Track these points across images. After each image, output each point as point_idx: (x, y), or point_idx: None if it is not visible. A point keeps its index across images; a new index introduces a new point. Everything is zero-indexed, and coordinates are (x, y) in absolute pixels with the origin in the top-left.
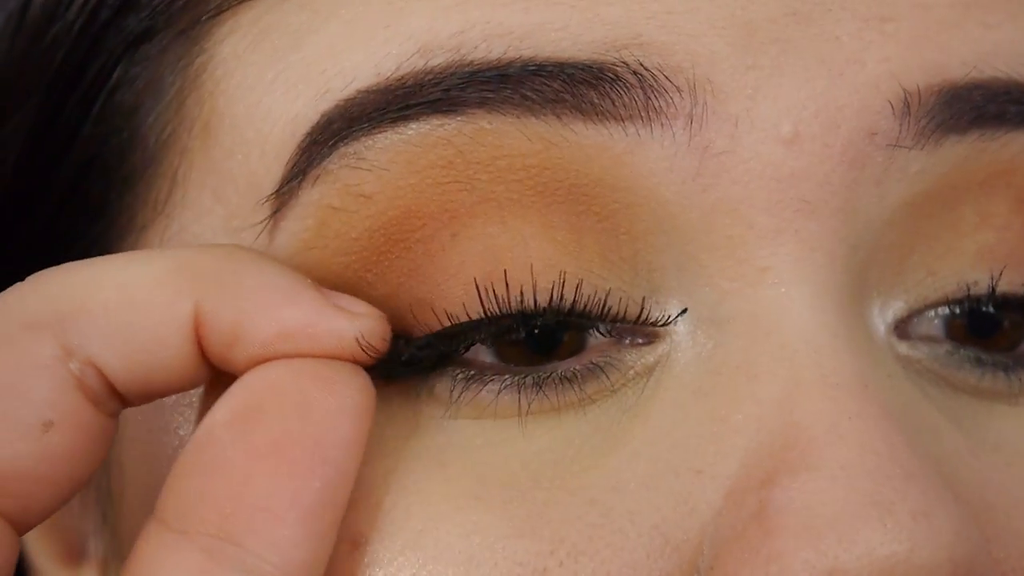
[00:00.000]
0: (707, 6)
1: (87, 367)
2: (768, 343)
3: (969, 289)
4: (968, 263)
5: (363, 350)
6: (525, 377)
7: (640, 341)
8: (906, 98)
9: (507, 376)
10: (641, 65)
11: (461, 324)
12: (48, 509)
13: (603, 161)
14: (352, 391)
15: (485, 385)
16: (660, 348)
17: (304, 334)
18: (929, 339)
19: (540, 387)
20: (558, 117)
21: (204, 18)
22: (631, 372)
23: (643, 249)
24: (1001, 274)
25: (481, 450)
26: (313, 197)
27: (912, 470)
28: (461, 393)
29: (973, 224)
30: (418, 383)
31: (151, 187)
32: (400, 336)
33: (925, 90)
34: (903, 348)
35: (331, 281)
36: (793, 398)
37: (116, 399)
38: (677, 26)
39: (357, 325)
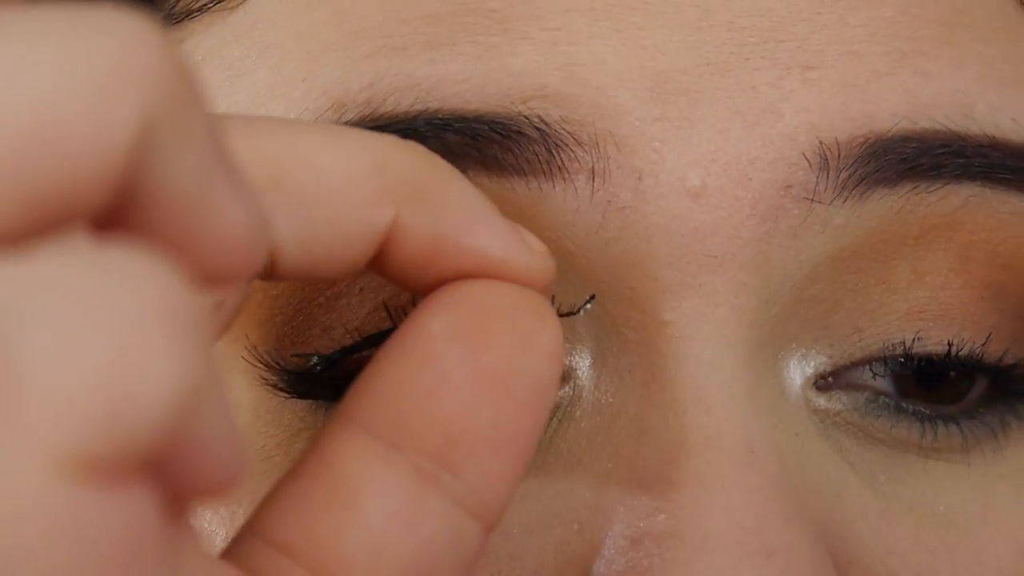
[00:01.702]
0: (613, 58)
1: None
2: (661, 399)
3: (894, 349)
4: (896, 323)
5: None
6: None
7: None
8: (823, 150)
9: None
10: (542, 120)
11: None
12: None
13: (506, 213)
14: (558, 329)
15: None
16: (563, 390)
17: (501, 267)
18: (852, 387)
19: None
20: (463, 171)
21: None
22: None
23: (552, 296)
24: (923, 333)
25: None
26: None
27: (777, 547)
28: None
29: (907, 281)
30: (328, 407)
31: None
32: (313, 354)
33: (847, 142)
34: (821, 401)
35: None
36: (676, 460)
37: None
38: (582, 78)
39: (544, 264)
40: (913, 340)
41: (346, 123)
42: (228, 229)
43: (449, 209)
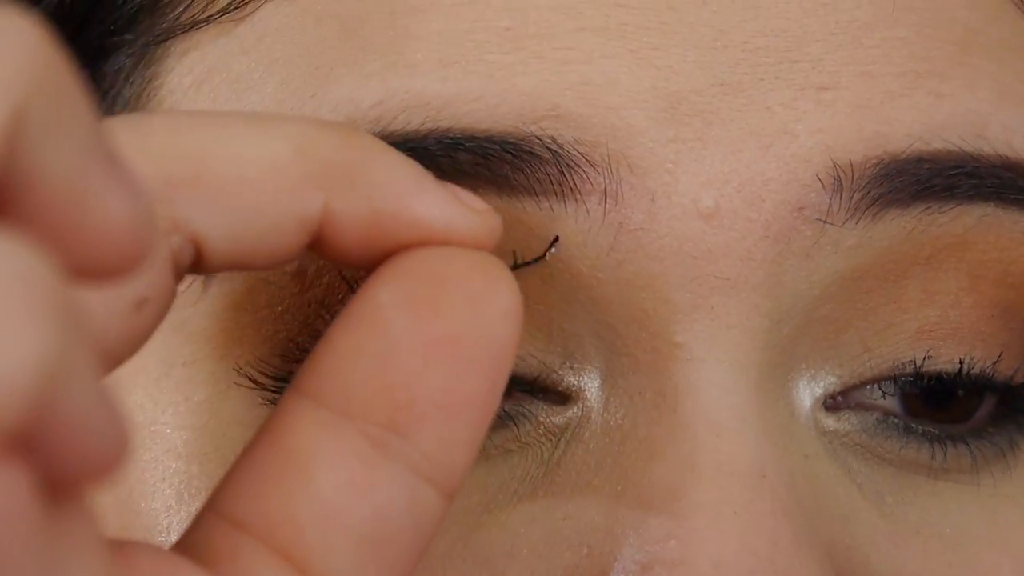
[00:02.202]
0: (627, 78)
1: (188, 244)
2: (672, 421)
3: (904, 368)
4: (907, 342)
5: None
6: None
7: (554, 399)
8: (837, 172)
9: None
10: (555, 141)
11: None
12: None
13: (517, 234)
14: (513, 288)
15: None
16: (571, 411)
17: (445, 233)
18: (861, 407)
19: None
20: (474, 190)
21: (152, 43)
22: (542, 428)
23: (558, 317)
24: (932, 351)
25: None
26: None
27: (789, 573)
28: None
29: (917, 300)
30: None
31: None
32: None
33: (860, 163)
34: (830, 422)
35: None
36: (686, 484)
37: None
38: (595, 98)
39: (488, 222)
40: (924, 359)
41: None
42: (108, 219)
43: (380, 185)
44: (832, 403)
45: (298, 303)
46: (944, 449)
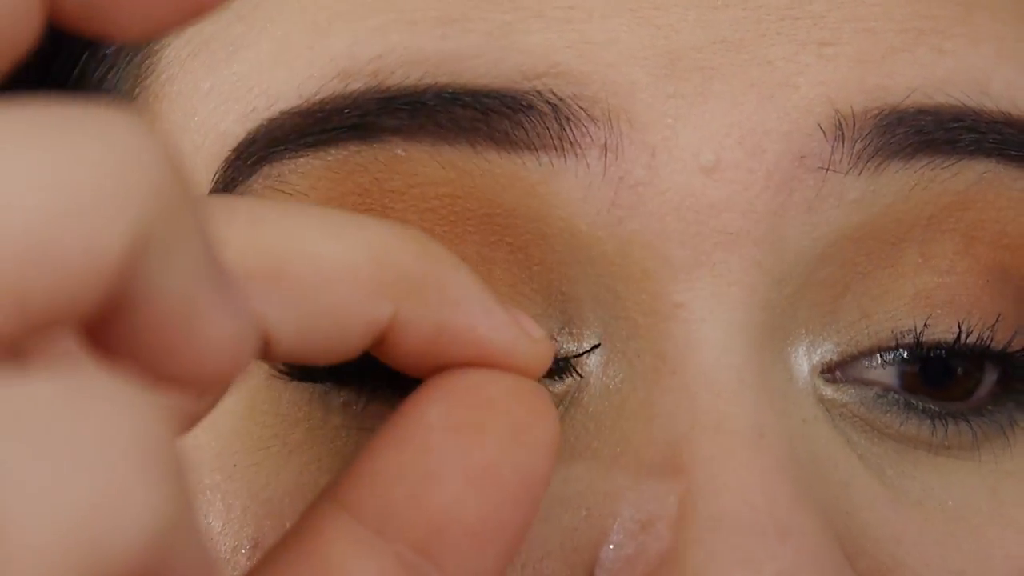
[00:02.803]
0: (627, 36)
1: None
2: (672, 383)
3: (903, 337)
4: (904, 307)
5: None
6: None
7: (552, 368)
8: (839, 121)
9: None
10: (555, 95)
11: None
12: None
13: (516, 191)
14: (555, 421)
15: (391, 398)
16: (568, 378)
17: (502, 358)
18: (860, 382)
19: None
20: (472, 146)
21: None
22: None
23: (557, 280)
24: (931, 319)
25: None
26: None
27: (789, 528)
28: (366, 405)
29: (914, 265)
30: (324, 393)
31: None
32: None
33: (862, 113)
34: (829, 391)
35: None
36: (686, 442)
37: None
38: (595, 55)
39: (544, 351)
40: (923, 327)
41: (351, 92)
42: (216, 338)
43: (450, 302)
44: (831, 375)
45: None
46: (945, 426)
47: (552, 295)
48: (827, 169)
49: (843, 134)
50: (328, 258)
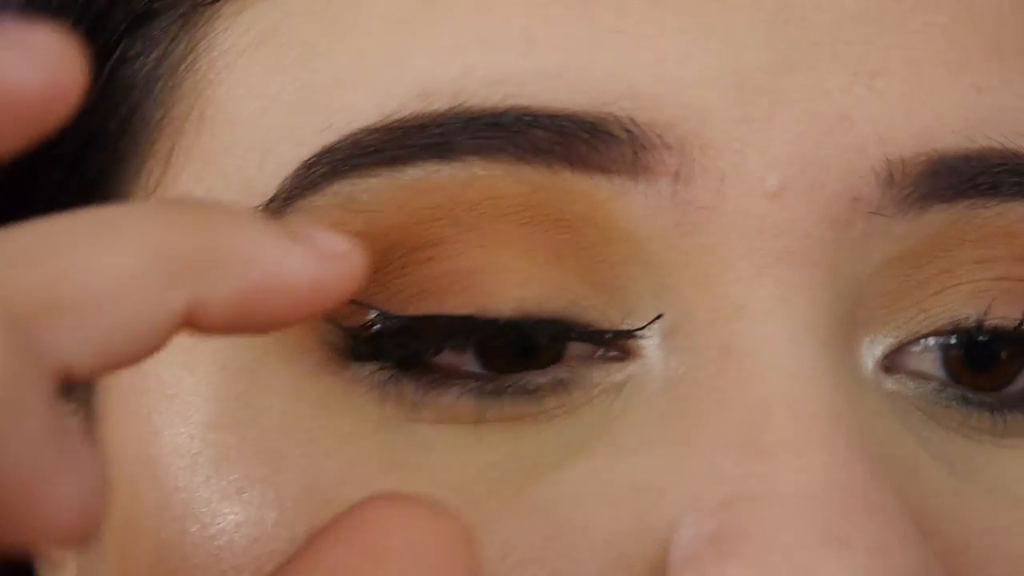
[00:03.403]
0: (699, 53)
1: (56, 371)
2: (740, 371)
3: (960, 324)
4: (962, 300)
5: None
6: (487, 384)
7: (613, 355)
8: (890, 168)
9: (469, 381)
10: (633, 121)
11: (432, 316)
12: None
13: (586, 204)
14: (467, 553)
15: (447, 390)
16: (631, 367)
17: (316, 288)
18: (918, 375)
19: (499, 396)
20: (548, 166)
21: (207, 2)
22: (596, 390)
23: (620, 276)
24: (991, 307)
25: (437, 455)
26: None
27: (875, 504)
28: (423, 396)
29: (970, 268)
30: (383, 382)
31: (143, 167)
32: (378, 309)
33: (911, 160)
34: (891, 384)
35: None
36: (762, 425)
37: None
38: (669, 76)
39: (354, 264)
40: (985, 313)
41: (433, 112)
42: (57, 508)
43: (241, 265)
44: (890, 363)
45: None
46: (1004, 418)
47: (615, 290)
48: (876, 213)
49: (893, 180)
50: (101, 272)
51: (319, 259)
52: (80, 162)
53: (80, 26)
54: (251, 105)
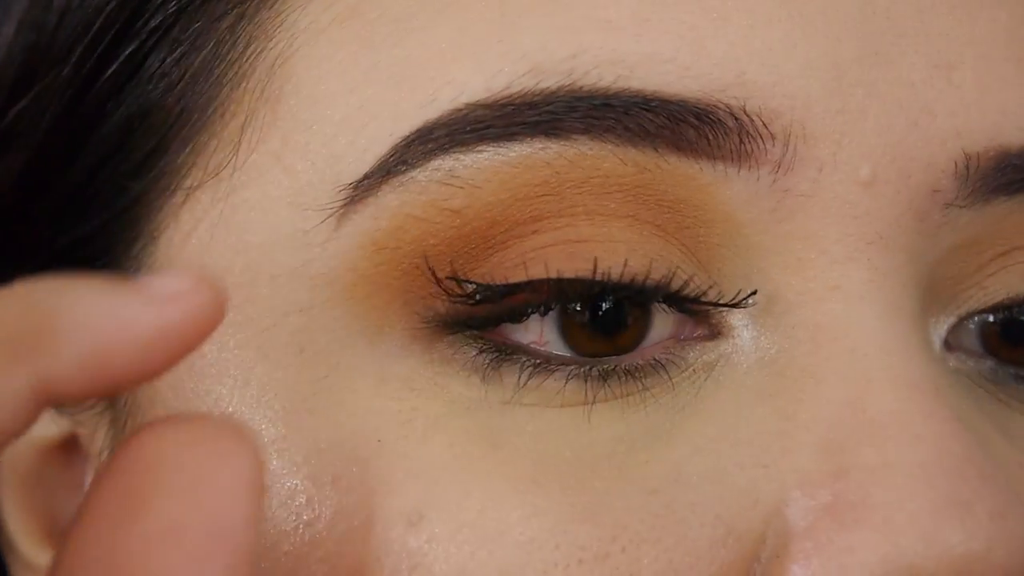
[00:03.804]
0: (803, 44)
1: None
2: (836, 347)
3: (1016, 299)
4: (1018, 277)
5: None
6: (591, 369)
7: (704, 334)
8: (967, 161)
9: (573, 367)
10: (743, 111)
11: (532, 281)
12: None
13: (689, 187)
14: (244, 460)
15: (552, 374)
16: (722, 346)
17: (163, 333)
18: (973, 354)
19: (605, 379)
20: (655, 149)
21: None
22: (690, 370)
23: (716, 257)
24: None
25: (539, 437)
26: (393, 202)
27: (987, 472)
28: (528, 380)
29: None
30: (484, 368)
31: (206, 147)
32: (470, 281)
33: (983, 154)
34: (952, 361)
35: (397, 276)
36: (865, 398)
37: None
38: (777, 65)
39: (196, 302)
40: None
41: (543, 90)
42: None
43: (74, 333)
44: (950, 343)
45: (447, 237)
46: None
47: (712, 269)
48: (951, 204)
49: (968, 173)
50: None
51: (159, 304)
52: (123, 143)
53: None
54: (337, 82)
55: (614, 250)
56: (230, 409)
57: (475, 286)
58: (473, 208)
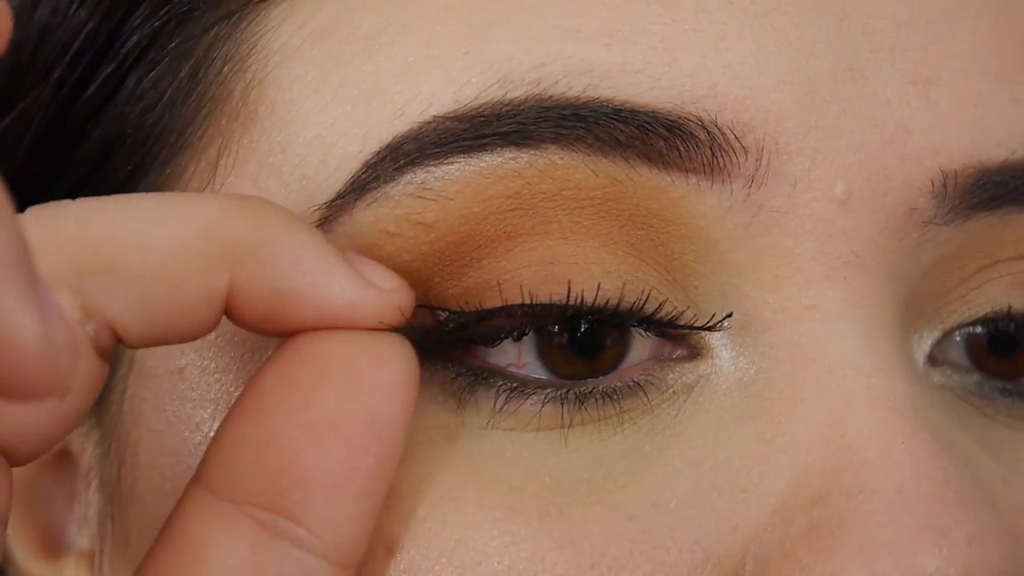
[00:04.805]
0: (776, 58)
1: (104, 328)
2: (814, 368)
3: (1000, 312)
4: (1003, 290)
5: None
6: (567, 392)
7: (683, 355)
8: (944, 179)
9: (550, 390)
10: (715, 123)
11: (506, 306)
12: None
13: (661, 200)
14: (401, 364)
15: (528, 398)
16: (702, 367)
17: (348, 313)
18: (959, 368)
19: (582, 402)
20: (626, 160)
21: (253, 1)
22: (669, 391)
23: (692, 275)
24: None
25: (517, 463)
26: (368, 218)
27: (965, 495)
28: (504, 404)
29: (1009, 259)
30: (461, 392)
31: (185, 170)
32: (443, 309)
33: (961, 171)
34: (937, 377)
35: None
36: (843, 420)
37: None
38: (749, 78)
39: (394, 300)
40: (1018, 301)
41: (512, 100)
42: (16, 343)
43: (284, 266)
44: (934, 358)
45: (421, 252)
46: None
47: (688, 288)
48: (929, 222)
49: (945, 191)
50: (156, 242)
51: (361, 285)
52: (102, 164)
53: (105, 25)
54: (309, 102)
55: (588, 272)
56: (211, 435)
57: (448, 314)
58: (446, 221)
